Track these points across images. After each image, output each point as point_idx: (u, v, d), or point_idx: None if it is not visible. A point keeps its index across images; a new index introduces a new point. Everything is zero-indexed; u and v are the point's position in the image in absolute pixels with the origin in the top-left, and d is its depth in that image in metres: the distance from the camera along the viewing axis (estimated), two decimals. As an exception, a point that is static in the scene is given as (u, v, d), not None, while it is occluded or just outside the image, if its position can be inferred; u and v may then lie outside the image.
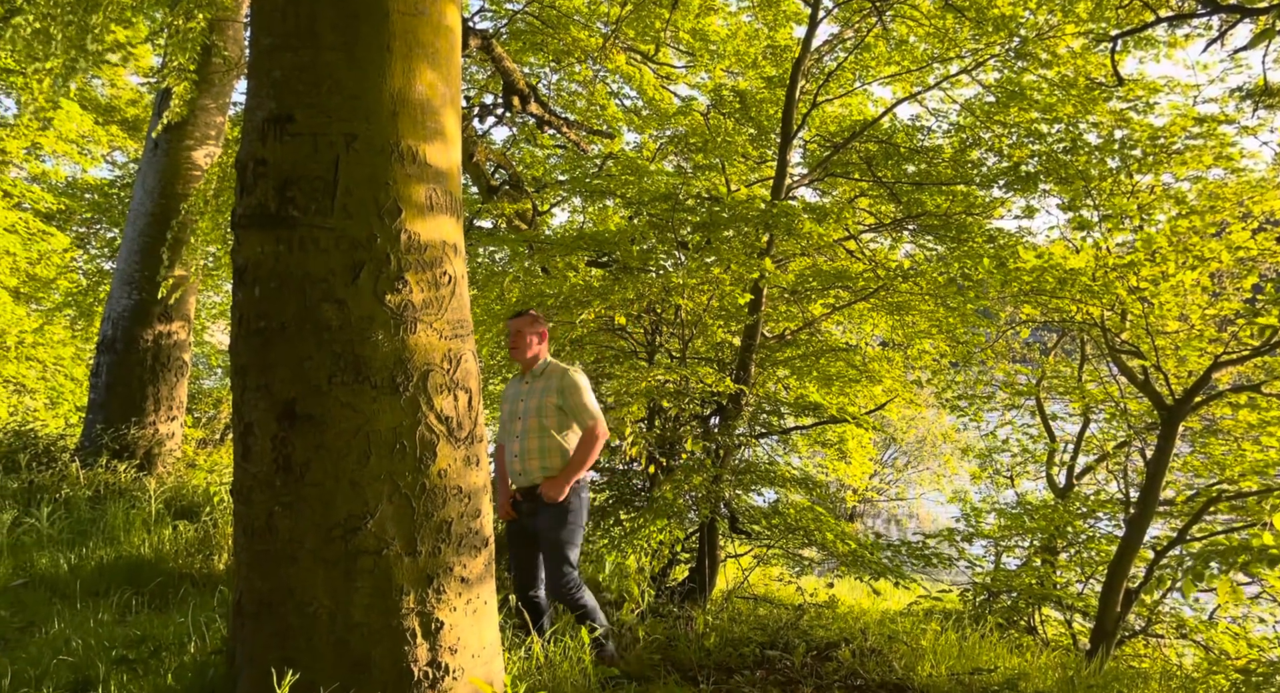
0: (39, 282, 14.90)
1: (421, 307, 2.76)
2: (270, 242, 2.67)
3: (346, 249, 2.66)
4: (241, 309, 2.74)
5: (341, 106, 2.65)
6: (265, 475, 2.68)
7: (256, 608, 2.70)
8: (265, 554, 2.69)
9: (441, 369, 2.79)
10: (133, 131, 16.57)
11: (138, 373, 8.63)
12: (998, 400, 8.30)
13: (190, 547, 6.79)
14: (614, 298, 5.69)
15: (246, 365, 2.72)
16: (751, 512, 5.85)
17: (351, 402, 2.67)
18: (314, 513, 2.66)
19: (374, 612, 2.66)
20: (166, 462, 8.78)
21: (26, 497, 7.20)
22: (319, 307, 2.65)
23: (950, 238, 8.14)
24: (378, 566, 2.67)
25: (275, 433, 2.67)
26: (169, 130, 8.72)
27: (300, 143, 2.65)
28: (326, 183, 2.64)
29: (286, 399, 2.66)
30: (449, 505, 2.79)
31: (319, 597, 2.65)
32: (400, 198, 2.71)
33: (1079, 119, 6.49)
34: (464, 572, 2.81)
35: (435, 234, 2.80)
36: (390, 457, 2.70)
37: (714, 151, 9.29)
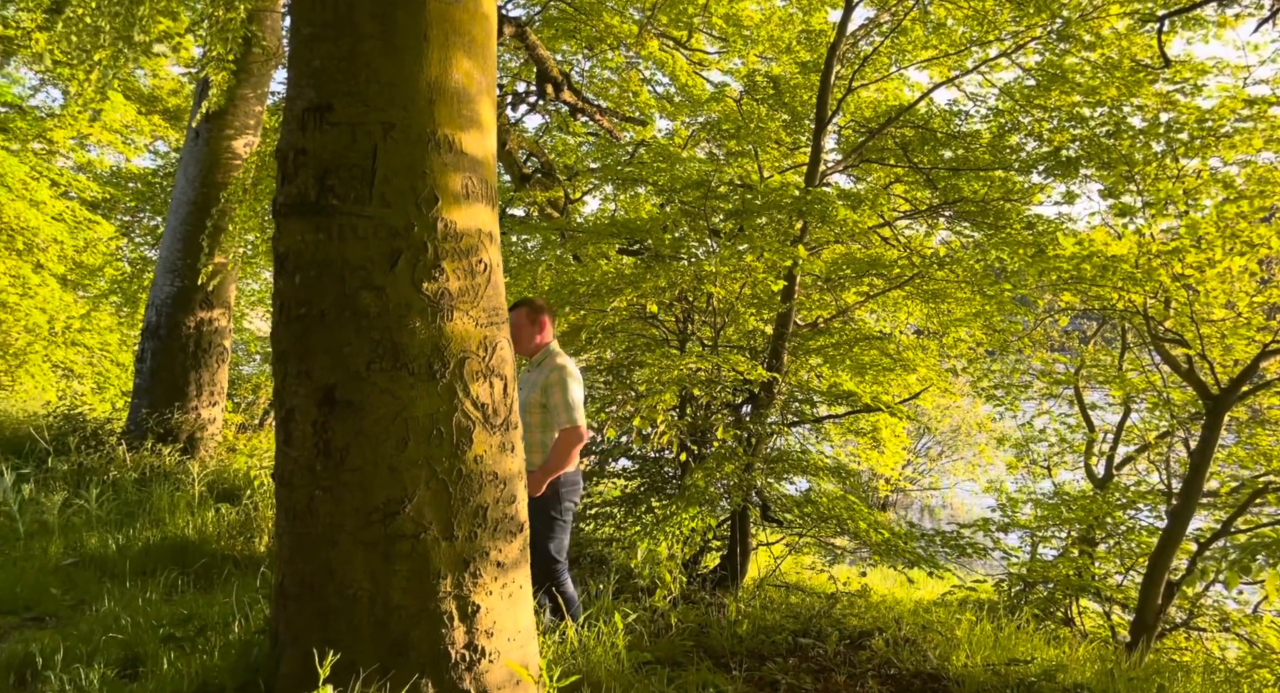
0: (86, 269, 15.26)
1: (458, 294, 2.78)
2: (310, 230, 2.71)
3: (384, 237, 2.70)
4: (282, 296, 2.78)
5: (379, 95, 2.68)
6: (306, 460, 2.73)
7: (299, 590, 2.76)
8: (307, 537, 2.75)
9: (477, 356, 2.82)
10: (174, 121, 16.86)
11: (180, 359, 8.81)
12: (1035, 390, 8.18)
13: (232, 529, 6.95)
14: (646, 286, 5.69)
15: (287, 352, 2.77)
16: (783, 500, 5.84)
17: (390, 388, 2.71)
18: (353, 497, 2.71)
19: (412, 595, 2.71)
20: (208, 446, 8.97)
21: (76, 478, 7.41)
22: (358, 294, 2.69)
23: (988, 225, 8.02)
24: (415, 549, 2.71)
25: (316, 418, 2.72)
26: (209, 120, 8.86)
27: (339, 132, 2.68)
28: (365, 172, 2.68)
29: (326, 385, 2.71)
30: (485, 491, 2.82)
31: (359, 579, 2.70)
32: (437, 186, 2.74)
33: (1123, 102, 6.34)
34: (500, 557, 2.84)
35: (471, 222, 2.82)
36: (427, 442, 2.74)
37: (746, 138, 9.23)
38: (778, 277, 5.95)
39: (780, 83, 8.81)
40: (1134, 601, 5.75)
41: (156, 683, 3.15)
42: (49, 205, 13.99)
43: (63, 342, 14.60)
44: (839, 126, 9.45)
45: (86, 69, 7.80)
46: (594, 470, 6.59)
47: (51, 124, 15.41)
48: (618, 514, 6.40)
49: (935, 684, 3.35)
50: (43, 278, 14.24)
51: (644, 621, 3.98)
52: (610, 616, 3.44)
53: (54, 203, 14.15)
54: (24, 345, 14.33)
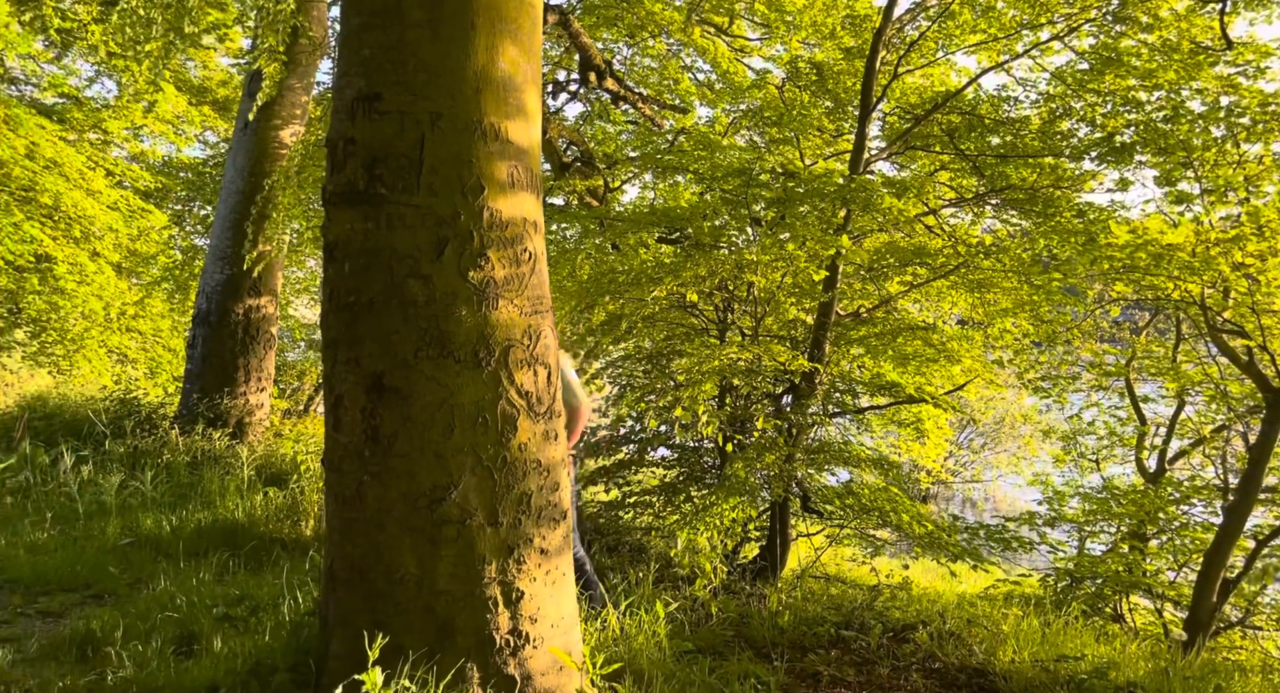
0: (139, 257, 15.64)
1: (503, 283, 2.80)
2: (359, 219, 2.75)
3: (431, 226, 2.72)
4: (332, 284, 2.82)
5: (427, 84, 2.69)
6: (355, 446, 2.78)
7: (348, 573, 2.81)
8: (355, 522, 2.79)
9: (522, 345, 2.83)
10: (223, 112, 17.15)
11: (229, 345, 9.01)
12: (1083, 382, 8.00)
13: (279, 512, 7.10)
14: (686, 274, 5.67)
15: (337, 339, 2.82)
16: (824, 491, 5.80)
17: (436, 375, 2.73)
18: (401, 483, 2.74)
19: (458, 580, 2.74)
20: (256, 431, 9.17)
21: (131, 461, 7.64)
22: (405, 282, 2.72)
23: (1036, 212, 7.84)
24: (461, 535, 2.74)
25: (364, 405, 2.76)
26: (258, 110, 9.00)
27: (387, 121, 2.70)
28: (412, 161, 2.70)
29: (375, 372, 2.74)
30: (529, 478, 2.84)
31: (406, 564, 2.74)
32: (483, 175, 2.75)
33: (1181, 86, 6.15)
34: (543, 543, 2.86)
35: (517, 211, 2.83)
36: (473, 430, 2.76)
37: (789, 125, 9.12)
38: (820, 266, 5.89)
39: (824, 69, 8.69)
40: (1186, 598, 5.62)
41: (212, 661, 3.24)
42: (105, 194, 14.36)
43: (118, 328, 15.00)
44: (883, 113, 9.30)
45: (138, 59, 7.97)
46: (633, 459, 6.60)
47: (107, 115, 15.79)
48: (656, 503, 6.42)
49: (981, 679, 3.31)
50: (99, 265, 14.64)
51: (684, 610, 3.99)
52: (651, 604, 3.45)
53: (109, 192, 14.52)
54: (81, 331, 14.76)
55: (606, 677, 2.88)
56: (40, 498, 6.82)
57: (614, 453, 6.49)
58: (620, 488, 6.41)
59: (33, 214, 9.68)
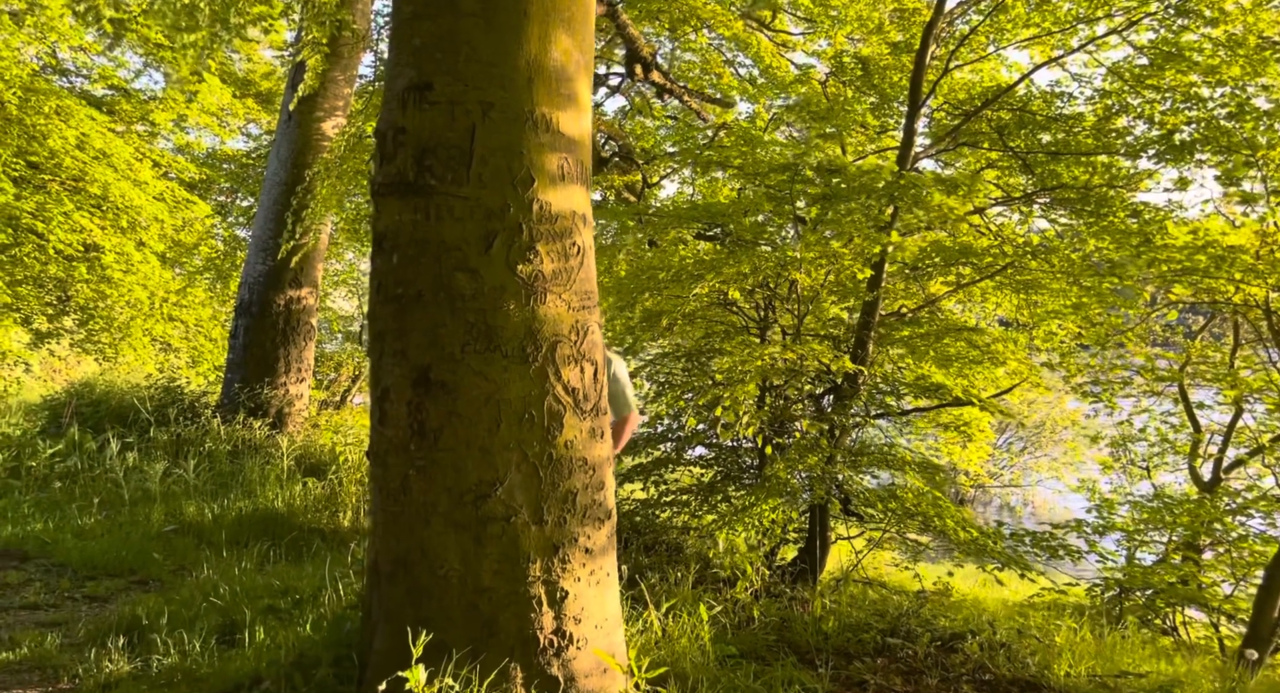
0: (183, 247, 15.90)
1: (551, 277, 2.75)
2: (408, 210, 2.71)
3: (481, 218, 2.68)
4: (380, 276, 2.80)
5: (479, 74, 2.65)
6: (401, 440, 2.75)
7: (391, 567, 2.79)
8: (400, 516, 2.77)
9: (569, 340, 2.78)
10: (266, 104, 17.37)
11: (270, 335, 9.11)
12: (1134, 386, 7.78)
13: (318, 503, 7.15)
14: (728, 271, 5.58)
15: (384, 331, 2.79)
16: (866, 494, 5.69)
17: (483, 370, 2.69)
18: (446, 478, 2.71)
19: (502, 578, 2.70)
20: (295, 421, 9.25)
21: (175, 449, 7.74)
22: (453, 275, 2.68)
23: (1089, 212, 7.63)
24: (506, 532, 2.70)
25: (410, 398, 2.72)
26: (300, 102, 9.07)
27: (438, 111, 2.67)
28: (463, 151, 2.66)
29: (422, 365, 2.71)
30: (574, 476, 2.79)
31: (450, 560, 2.70)
32: (534, 167, 2.70)
33: (1246, 82, 5.92)
34: (588, 543, 2.81)
35: (566, 204, 2.78)
36: (519, 426, 2.72)
37: (834, 120, 8.99)
38: (865, 264, 5.77)
39: (869, 64, 8.54)
40: (1244, 612, 5.42)
41: (255, 652, 3.24)
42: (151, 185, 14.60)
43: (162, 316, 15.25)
44: (930, 110, 9.12)
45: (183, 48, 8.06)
46: (670, 457, 6.54)
47: (154, 106, 16.04)
48: (693, 503, 6.35)
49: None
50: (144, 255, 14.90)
51: (726, 612, 3.92)
52: (693, 606, 3.39)
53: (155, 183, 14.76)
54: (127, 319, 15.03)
55: (651, 681, 2.83)
56: (87, 484, 6.94)
57: (651, 451, 6.43)
58: (656, 487, 6.35)
59: (82, 204, 9.86)
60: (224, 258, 13.95)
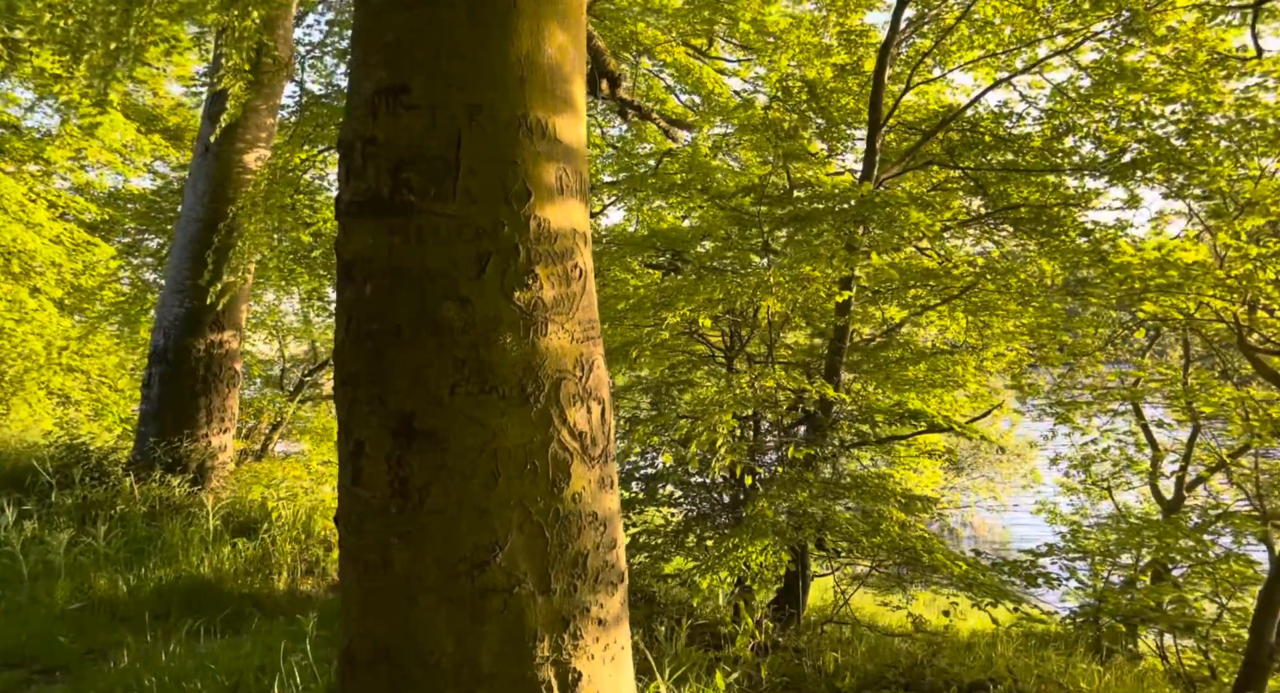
0: (84, 293, 14.83)
1: (552, 305, 2.38)
2: (383, 232, 2.31)
3: (470, 239, 2.30)
4: (349, 310, 2.38)
5: (464, 73, 2.29)
6: (379, 502, 2.32)
7: (371, 655, 2.34)
8: (380, 593, 2.33)
9: (574, 376, 2.41)
10: (174, 140, 16.49)
11: (189, 384, 8.38)
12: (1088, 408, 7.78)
13: (250, 566, 6.51)
14: (699, 298, 5.29)
15: (356, 374, 2.37)
16: (848, 528, 5.41)
17: (477, 415, 2.30)
18: (436, 545, 2.29)
19: (504, 661, 2.28)
20: (220, 475, 8.52)
21: (81, 513, 6.96)
22: (440, 306, 2.29)
23: (1039, 232, 7.65)
24: (508, 606, 2.29)
25: (390, 452, 2.31)
26: (221, 133, 8.48)
27: (417, 116, 2.29)
28: (447, 162, 2.28)
29: (403, 413, 2.30)
30: (584, 535, 2.41)
31: (443, 643, 2.27)
32: (529, 179, 2.34)
33: (1196, 99, 6.00)
34: (601, 612, 2.42)
35: (566, 221, 2.43)
36: (520, 479, 2.32)
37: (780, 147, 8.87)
38: (836, 287, 5.57)
39: (816, 87, 8.47)
40: (1231, 635, 5.32)
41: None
42: (47, 228, 13.58)
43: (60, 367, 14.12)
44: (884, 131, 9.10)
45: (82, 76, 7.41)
46: (637, 498, 6.16)
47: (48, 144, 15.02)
48: (661, 544, 5.97)
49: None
50: (40, 302, 13.81)
51: (728, 672, 3.55)
52: (703, 672, 3.00)
53: (52, 225, 13.75)
54: (20, 372, 13.86)
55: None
56: (-23, 558, 6.13)
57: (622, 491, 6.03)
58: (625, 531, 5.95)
59: (-34, 249, 8.98)
60: (132, 302, 13.00)
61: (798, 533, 4.60)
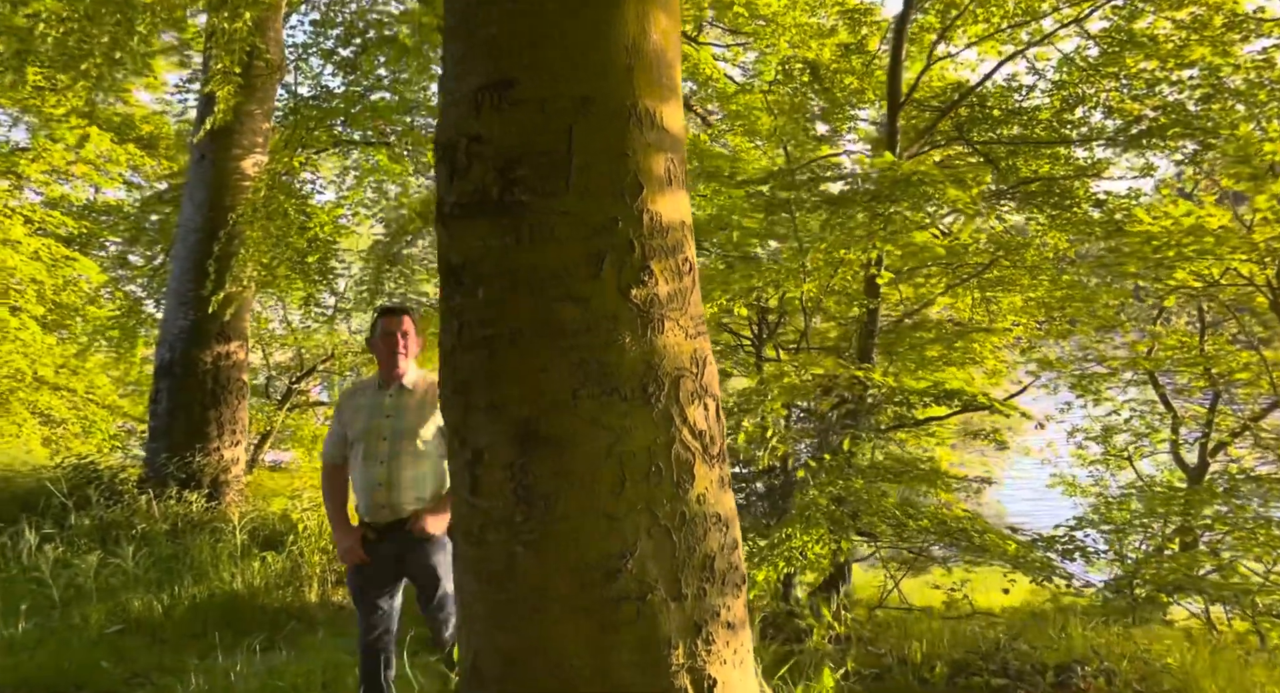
0: (66, 309, 14.48)
1: (667, 301, 2.31)
2: (494, 233, 2.23)
3: (585, 237, 2.22)
4: (460, 316, 2.29)
5: (571, 64, 2.20)
6: (502, 511, 2.24)
7: (501, 669, 2.26)
8: (507, 604, 2.25)
9: (691, 374, 2.34)
10: (149, 149, 16.12)
11: (199, 397, 8.21)
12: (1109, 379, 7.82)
13: (280, 579, 6.39)
14: (735, 286, 5.24)
15: (469, 382, 2.28)
16: (894, 513, 5.39)
17: (599, 418, 2.22)
18: (564, 554, 2.22)
19: (639, 670, 2.22)
20: (234, 489, 8.36)
21: (101, 534, 6.79)
22: (557, 307, 2.21)
23: (1051, 204, 7.67)
24: (642, 614, 2.22)
25: (512, 460, 2.23)
26: (214, 140, 8.28)
27: (525, 111, 2.20)
28: (559, 158, 2.20)
29: (524, 419, 2.22)
30: (710, 537, 2.34)
31: (576, 654, 2.21)
32: (640, 171, 2.26)
33: (1212, 63, 6.00)
34: (729, 616, 2.36)
35: (675, 213, 2.35)
36: (646, 482, 2.25)
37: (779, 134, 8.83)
38: (875, 268, 5.54)
39: (820, 69, 8.42)
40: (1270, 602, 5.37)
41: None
42: (25, 244, 13.23)
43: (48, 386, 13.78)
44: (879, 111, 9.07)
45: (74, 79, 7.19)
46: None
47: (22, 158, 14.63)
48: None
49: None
50: (22, 321, 13.48)
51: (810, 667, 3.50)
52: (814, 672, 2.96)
53: (30, 241, 13.40)
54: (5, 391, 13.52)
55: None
56: (1, 586, 5.96)
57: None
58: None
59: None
60: (128, 314, 12.72)
61: (854, 520, 4.57)
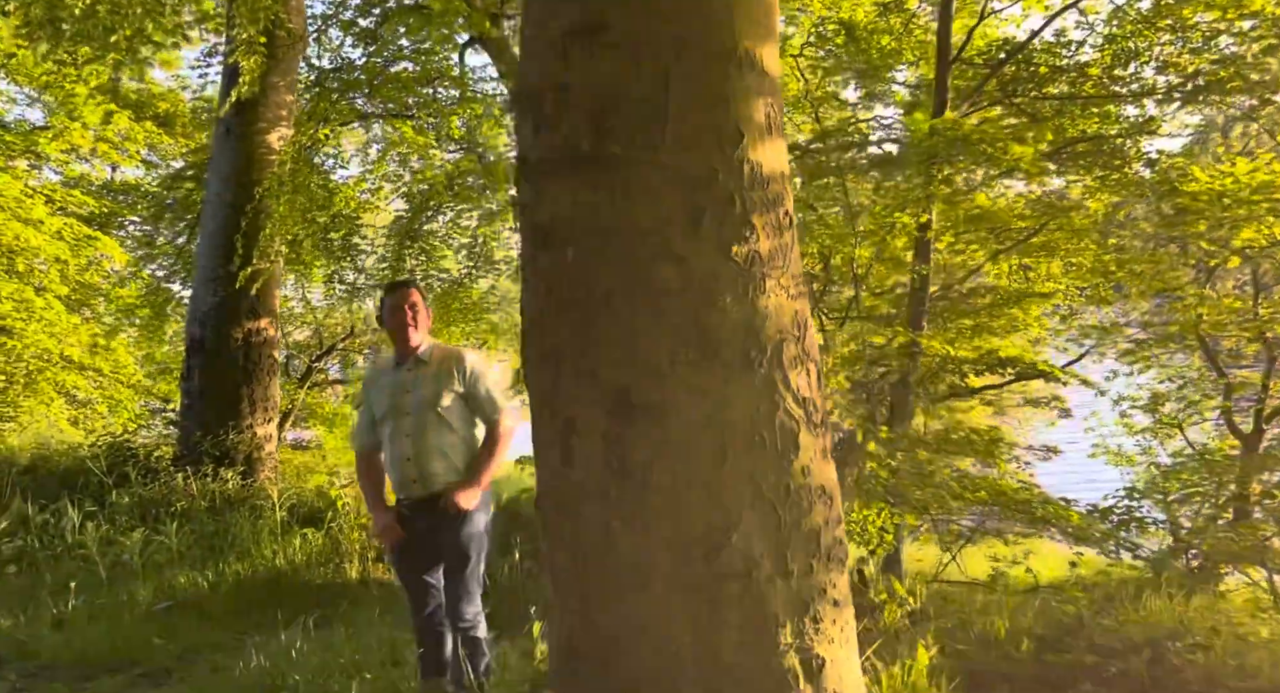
0: (89, 289, 14.46)
1: (768, 258, 2.16)
2: (585, 189, 2.08)
3: (684, 190, 2.07)
4: (548, 278, 2.15)
5: (667, 3, 2.04)
6: (596, 483, 2.12)
7: (599, 649, 2.15)
8: (605, 581, 2.14)
9: (793, 337, 2.20)
10: (165, 127, 16.00)
11: (231, 374, 8.14)
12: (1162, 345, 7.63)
13: (320, 556, 6.35)
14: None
15: (560, 348, 2.15)
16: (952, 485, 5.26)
17: (700, 384, 2.09)
18: (664, 527, 2.10)
19: (747, 650, 2.10)
20: (267, 466, 8.32)
21: (141, 512, 6.76)
22: (653, 266, 2.07)
23: (1100, 164, 7.42)
24: (748, 591, 2.10)
25: (606, 430, 2.10)
26: (239, 114, 8.13)
27: (618, 56, 2.04)
28: (656, 106, 2.04)
29: (619, 386, 2.09)
30: (815, 510, 2.21)
31: (679, 633, 2.09)
32: (741, 119, 2.11)
33: (1275, 14, 5.74)
34: (835, 593, 2.24)
35: (776, 164, 2.20)
36: (749, 452, 2.12)
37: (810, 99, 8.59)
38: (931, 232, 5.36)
39: (855, 30, 8.15)
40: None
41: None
42: (47, 224, 13.18)
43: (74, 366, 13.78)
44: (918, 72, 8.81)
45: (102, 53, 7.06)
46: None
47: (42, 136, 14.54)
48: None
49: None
50: (47, 301, 13.46)
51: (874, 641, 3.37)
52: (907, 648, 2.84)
53: (51, 220, 13.34)
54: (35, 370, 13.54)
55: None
56: (48, 563, 5.94)
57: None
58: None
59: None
60: (156, 292, 12.68)
61: (920, 493, 4.44)
